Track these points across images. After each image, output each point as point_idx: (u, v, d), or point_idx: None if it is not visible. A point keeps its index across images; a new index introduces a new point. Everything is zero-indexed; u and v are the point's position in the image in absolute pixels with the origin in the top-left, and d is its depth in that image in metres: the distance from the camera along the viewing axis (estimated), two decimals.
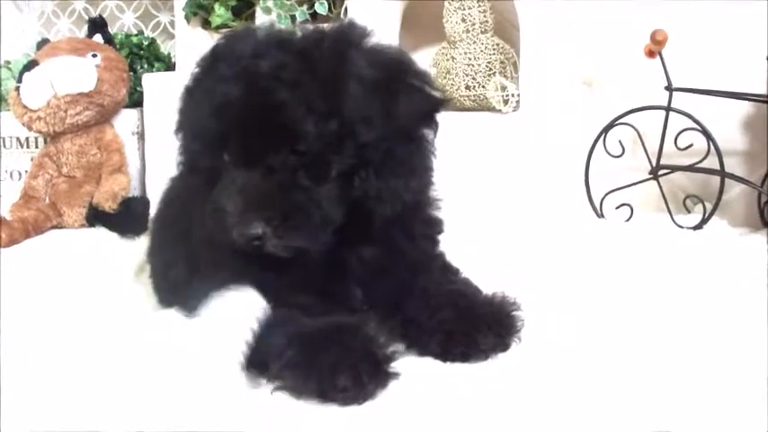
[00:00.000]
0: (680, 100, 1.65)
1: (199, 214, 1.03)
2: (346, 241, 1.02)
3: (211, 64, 1.01)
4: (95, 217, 1.88)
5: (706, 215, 1.61)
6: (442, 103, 1.06)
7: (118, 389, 0.91)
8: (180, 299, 1.16)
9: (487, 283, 1.10)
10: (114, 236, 1.79)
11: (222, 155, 0.98)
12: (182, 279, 1.17)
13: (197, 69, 1.04)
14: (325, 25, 1.06)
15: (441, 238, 1.17)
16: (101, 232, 1.84)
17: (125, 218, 1.81)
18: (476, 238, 1.52)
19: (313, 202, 0.97)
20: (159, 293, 1.28)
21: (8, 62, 2.28)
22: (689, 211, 1.71)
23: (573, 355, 0.97)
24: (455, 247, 1.23)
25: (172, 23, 2.36)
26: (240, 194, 0.95)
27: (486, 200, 1.77)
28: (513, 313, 1.02)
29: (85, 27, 2.17)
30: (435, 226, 1.16)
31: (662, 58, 1.65)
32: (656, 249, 1.46)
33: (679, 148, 1.63)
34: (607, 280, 1.29)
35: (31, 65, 1.94)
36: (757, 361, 0.93)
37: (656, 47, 1.64)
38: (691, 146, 1.62)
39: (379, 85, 0.99)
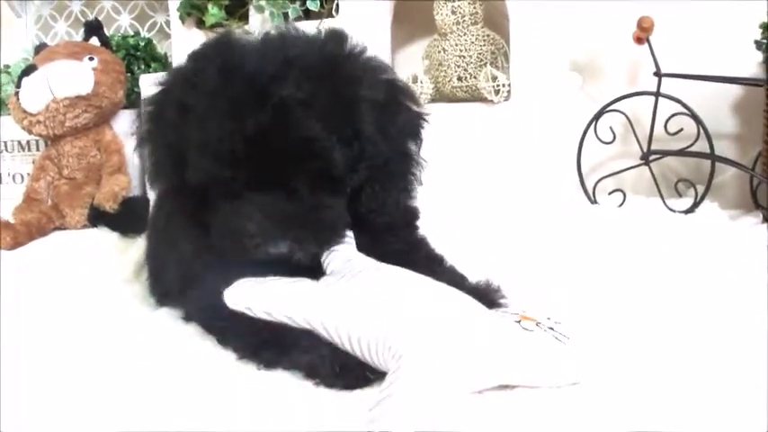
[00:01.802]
0: (669, 85, 1.66)
1: (186, 230, 1.08)
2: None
3: (222, 82, 0.99)
4: (97, 217, 1.90)
5: (698, 198, 1.63)
6: (424, 119, 1.12)
7: (118, 389, 0.92)
8: (173, 302, 1.20)
9: (482, 271, 1.11)
10: (116, 235, 1.81)
11: (232, 177, 0.98)
12: (174, 285, 1.20)
13: (184, 74, 1.04)
14: (317, 24, 1.08)
15: (419, 224, 1.22)
16: (102, 232, 1.86)
17: (126, 217, 1.83)
18: (469, 227, 1.55)
19: (334, 217, 1.03)
20: (155, 295, 1.31)
21: (7, 66, 2.30)
22: (681, 195, 1.73)
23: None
24: (448, 235, 1.25)
25: (167, 23, 2.37)
26: (265, 216, 0.97)
27: (478, 188, 1.79)
28: (498, 300, 1.04)
29: (82, 30, 2.19)
30: (412, 214, 1.21)
31: (650, 45, 1.67)
32: (648, 233, 1.47)
33: (669, 133, 1.65)
34: (600, 265, 1.30)
35: (29, 70, 1.96)
36: (755, 347, 0.94)
37: (643, 33, 1.65)
38: (681, 130, 1.64)
39: (382, 107, 1.03)
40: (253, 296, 0.97)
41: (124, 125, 2.07)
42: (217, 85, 0.99)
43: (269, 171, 0.97)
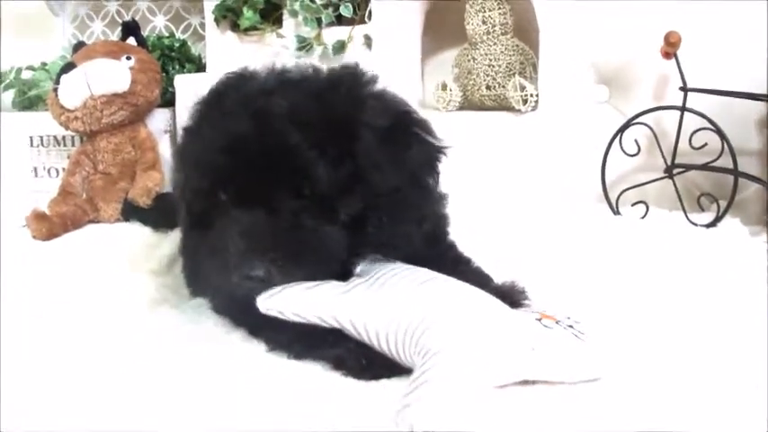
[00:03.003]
0: (695, 100, 1.68)
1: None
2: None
3: (217, 100, 1.03)
4: (130, 212, 1.93)
5: (720, 213, 1.64)
6: (443, 151, 1.10)
7: (146, 377, 0.97)
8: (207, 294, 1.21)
9: (505, 277, 1.14)
10: (148, 230, 1.84)
11: (221, 194, 1.00)
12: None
13: (198, 108, 1.07)
14: (349, 30, 1.11)
15: (449, 230, 1.22)
16: (135, 226, 1.89)
17: (158, 213, 1.86)
18: (493, 233, 1.57)
19: (318, 242, 0.99)
20: (190, 287, 1.33)
21: (44, 64, 2.35)
22: (703, 210, 1.73)
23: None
24: (472, 241, 1.28)
25: (202, 26, 2.41)
26: (242, 235, 0.95)
27: (503, 196, 1.82)
28: (522, 301, 1.07)
29: (119, 30, 2.24)
30: (442, 221, 1.20)
31: (677, 59, 1.69)
32: (670, 246, 1.48)
33: (694, 148, 1.66)
34: (621, 274, 1.33)
35: (68, 67, 2.00)
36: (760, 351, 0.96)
37: (670, 48, 1.68)
38: (705, 145, 1.64)
39: (391, 135, 1.02)
40: (283, 300, 0.99)
41: (159, 123, 2.12)
42: (211, 102, 1.04)
43: (249, 185, 0.97)
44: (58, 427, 0.82)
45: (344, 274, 1.04)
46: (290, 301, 0.99)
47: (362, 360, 0.95)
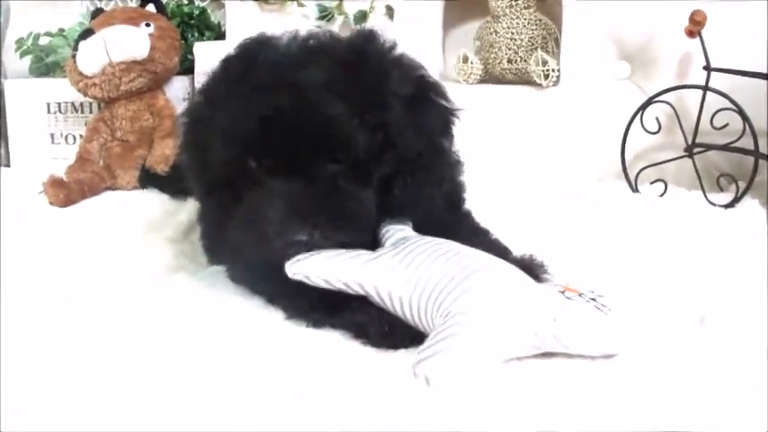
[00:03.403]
0: (718, 80, 1.67)
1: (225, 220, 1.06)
2: None
3: (244, 70, 1.02)
4: (148, 179, 1.94)
5: (738, 194, 1.63)
6: (456, 115, 1.12)
7: (163, 342, 0.97)
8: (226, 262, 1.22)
9: (522, 252, 1.14)
10: (165, 197, 1.85)
11: (252, 163, 1.00)
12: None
13: (220, 77, 1.06)
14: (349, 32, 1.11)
15: (465, 197, 1.25)
16: (153, 194, 1.90)
17: (176, 180, 1.84)
18: (511, 208, 1.57)
19: (356, 206, 1.02)
20: (208, 254, 1.32)
21: (62, 30, 2.34)
22: (722, 190, 1.73)
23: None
24: (490, 215, 1.28)
25: None
26: (284, 202, 0.97)
27: (522, 170, 1.82)
28: (542, 275, 1.07)
29: None
30: (459, 187, 1.23)
31: (701, 38, 1.67)
32: (687, 226, 1.48)
33: (715, 128, 1.65)
34: (639, 253, 1.32)
35: (86, 33, 2.00)
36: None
37: (695, 27, 1.66)
38: (726, 125, 1.64)
39: (412, 101, 1.04)
40: (311, 265, 1.00)
41: (177, 91, 2.12)
42: (238, 72, 1.02)
43: (289, 155, 0.98)
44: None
45: (372, 241, 1.06)
46: (316, 265, 1.00)
47: (385, 327, 0.96)
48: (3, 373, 0.87)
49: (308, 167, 0.98)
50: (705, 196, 1.67)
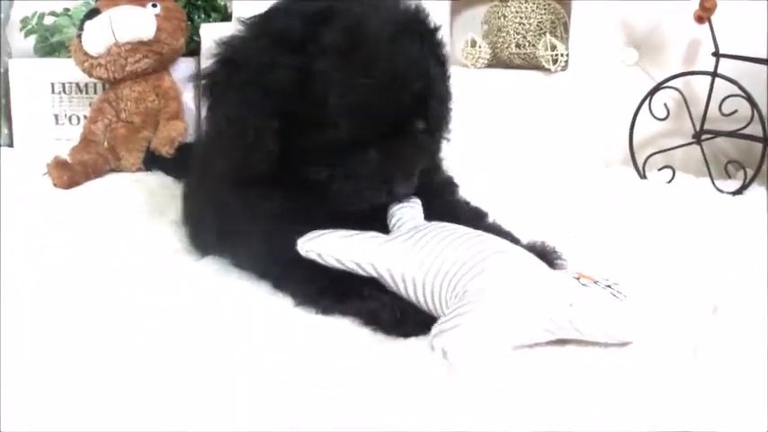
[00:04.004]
0: (727, 66, 1.66)
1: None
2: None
3: (350, 37, 1.00)
4: (152, 161, 1.94)
5: (746, 181, 1.63)
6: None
7: (171, 329, 0.96)
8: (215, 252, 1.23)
9: (530, 238, 1.13)
10: (170, 179, 1.84)
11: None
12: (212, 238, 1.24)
13: (323, 45, 1.01)
14: None
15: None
16: (157, 176, 1.90)
17: (181, 162, 1.84)
18: (517, 193, 1.57)
19: (432, 155, 1.19)
20: (196, 247, 1.32)
21: (67, 10, 2.32)
22: (730, 177, 1.73)
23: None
24: (495, 201, 1.27)
25: None
26: (396, 159, 1.04)
27: (530, 155, 1.81)
28: (555, 261, 1.06)
29: None
30: (451, 183, 1.30)
31: (710, 24, 1.66)
32: (695, 212, 1.47)
33: (723, 114, 1.64)
34: (646, 240, 1.31)
35: (92, 13, 1.99)
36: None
37: (705, 13, 1.65)
38: (735, 112, 1.63)
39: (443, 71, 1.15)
40: (324, 243, 1.00)
41: (183, 72, 2.10)
42: (347, 49, 0.99)
43: (395, 118, 1.03)
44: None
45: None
46: (329, 244, 1.00)
47: (397, 313, 0.95)
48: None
49: (407, 127, 1.06)
50: (713, 183, 1.66)
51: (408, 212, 1.08)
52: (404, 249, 0.98)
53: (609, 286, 0.92)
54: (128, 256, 1.28)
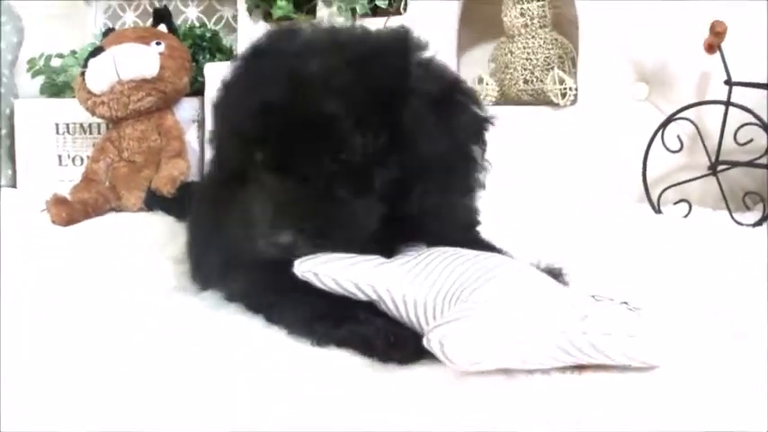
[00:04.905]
0: (740, 95, 1.62)
1: (227, 213, 1.03)
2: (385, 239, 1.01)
3: (255, 59, 0.99)
4: (154, 201, 1.90)
5: (766, 212, 1.58)
6: (490, 122, 1.06)
7: (167, 364, 0.91)
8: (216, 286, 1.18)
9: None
10: (171, 219, 1.79)
11: (255, 156, 0.97)
12: (215, 272, 1.18)
13: (237, 65, 1.03)
14: (378, 27, 1.07)
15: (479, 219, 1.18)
16: (158, 216, 1.86)
17: (182, 202, 1.80)
18: (530, 231, 1.52)
19: (349, 214, 0.96)
20: (197, 282, 1.27)
21: (74, 52, 2.33)
22: (748, 208, 1.68)
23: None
24: (508, 238, 1.23)
25: (234, 18, 2.40)
26: (272, 201, 0.94)
27: (542, 192, 1.77)
28: (565, 283, 1.01)
29: (150, 19, 2.21)
30: (471, 219, 1.16)
31: (721, 52, 1.63)
32: (714, 246, 1.42)
33: (739, 144, 1.61)
34: (664, 276, 1.26)
35: (96, 51, 1.99)
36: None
37: (715, 39, 1.62)
38: (750, 141, 1.60)
39: (440, 102, 0.98)
40: (321, 264, 0.95)
41: (187, 112, 2.09)
42: (250, 59, 1.00)
43: (282, 151, 0.94)
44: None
45: (390, 250, 1.01)
46: (327, 265, 0.95)
47: (391, 338, 0.89)
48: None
49: (302, 165, 0.94)
50: (731, 216, 1.61)
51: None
52: (404, 270, 0.94)
53: (625, 302, 0.87)
54: (124, 292, 1.24)
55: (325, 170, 0.94)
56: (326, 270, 0.95)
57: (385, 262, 0.96)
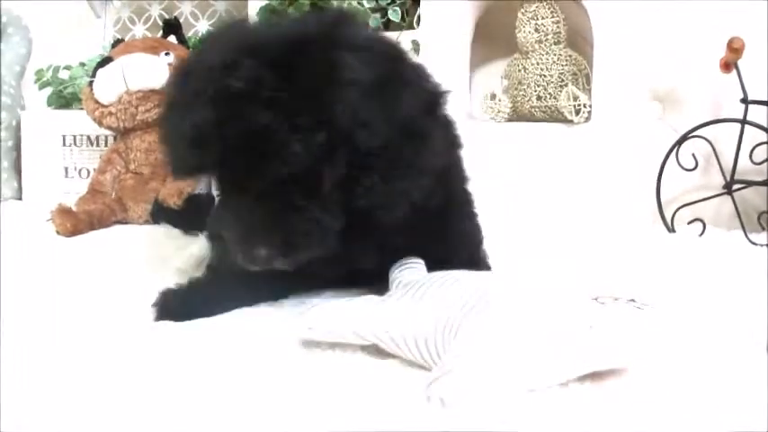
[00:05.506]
0: (756, 113, 1.61)
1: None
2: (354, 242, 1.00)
3: (181, 81, 0.97)
4: (160, 213, 1.87)
5: None
6: (443, 95, 1.02)
7: (187, 370, 0.90)
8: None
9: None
10: (177, 232, 1.79)
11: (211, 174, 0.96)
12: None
13: (168, 87, 1.02)
14: (396, 36, 1.04)
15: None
16: (164, 228, 1.84)
17: (189, 214, 1.80)
18: (543, 248, 1.51)
19: (310, 219, 0.95)
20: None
21: (83, 63, 2.32)
22: (763, 229, 1.66)
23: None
24: (520, 256, 1.21)
25: None
26: (237, 221, 0.94)
27: (555, 210, 1.75)
28: None
29: (160, 31, 2.21)
30: (452, 200, 1.14)
31: (738, 70, 1.61)
32: (728, 266, 1.41)
33: (754, 163, 1.60)
34: (677, 296, 1.23)
35: (105, 61, 1.99)
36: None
37: (732, 55, 1.60)
38: (766, 160, 1.58)
39: (377, 87, 0.93)
40: (317, 317, 0.93)
41: None
42: (176, 86, 0.98)
43: (230, 176, 0.94)
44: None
45: (379, 274, 1.04)
46: (325, 319, 0.93)
47: None
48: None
49: (250, 183, 0.92)
50: (746, 236, 1.59)
51: (407, 275, 1.02)
52: (399, 307, 0.91)
53: (632, 300, 0.85)
54: (126, 304, 1.21)
55: (275, 182, 0.91)
56: (324, 324, 0.93)
57: (380, 301, 0.95)
